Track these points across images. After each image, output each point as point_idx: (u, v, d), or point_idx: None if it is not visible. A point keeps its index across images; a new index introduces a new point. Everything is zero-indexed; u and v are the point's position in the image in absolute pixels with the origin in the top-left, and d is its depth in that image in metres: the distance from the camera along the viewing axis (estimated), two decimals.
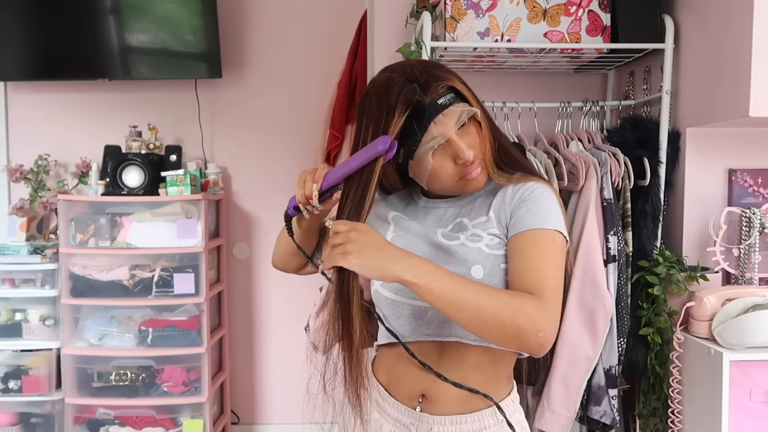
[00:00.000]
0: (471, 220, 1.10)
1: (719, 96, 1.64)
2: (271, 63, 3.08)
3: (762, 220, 1.75)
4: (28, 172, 2.89)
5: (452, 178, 1.06)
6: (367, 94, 1.06)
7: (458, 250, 1.07)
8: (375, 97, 1.03)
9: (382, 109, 1.01)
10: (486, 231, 1.07)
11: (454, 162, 1.04)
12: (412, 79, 1.01)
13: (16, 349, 2.71)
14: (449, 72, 1.05)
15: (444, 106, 1.01)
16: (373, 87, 1.06)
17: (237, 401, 3.19)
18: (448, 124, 1.01)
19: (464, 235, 1.09)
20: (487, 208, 1.10)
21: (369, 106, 1.04)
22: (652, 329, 1.77)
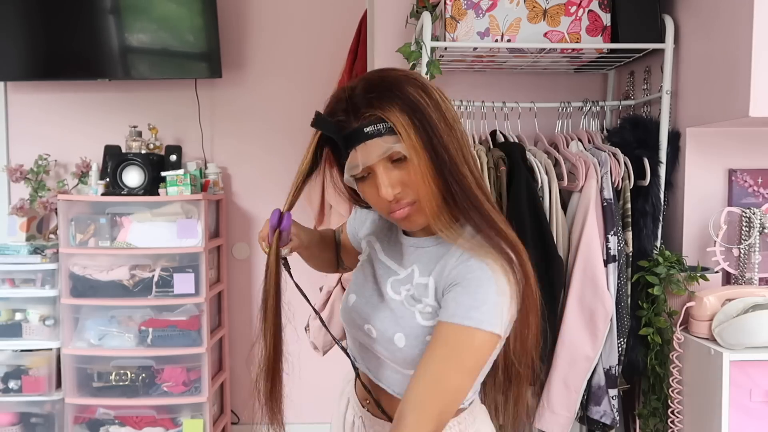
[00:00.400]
0: (419, 275, 1.01)
1: (719, 96, 1.64)
2: (271, 63, 3.08)
3: (762, 220, 1.75)
4: (28, 172, 2.89)
5: (383, 210, 0.98)
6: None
7: (395, 308, 1.01)
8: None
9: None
10: (423, 297, 0.98)
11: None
12: (344, 99, 0.95)
13: (16, 349, 2.71)
14: (394, 100, 0.91)
15: (369, 135, 0.92)
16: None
17: (237, 401, 3.19)
18: (371, 155, 0.92)
19: (405, 290, 1.01)
20: (429, 269, 1.00)
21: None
22: (652, 329, 1.77)
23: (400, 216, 0.97)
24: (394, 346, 0.99)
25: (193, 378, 2.74)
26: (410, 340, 0.98)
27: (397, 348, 0.99)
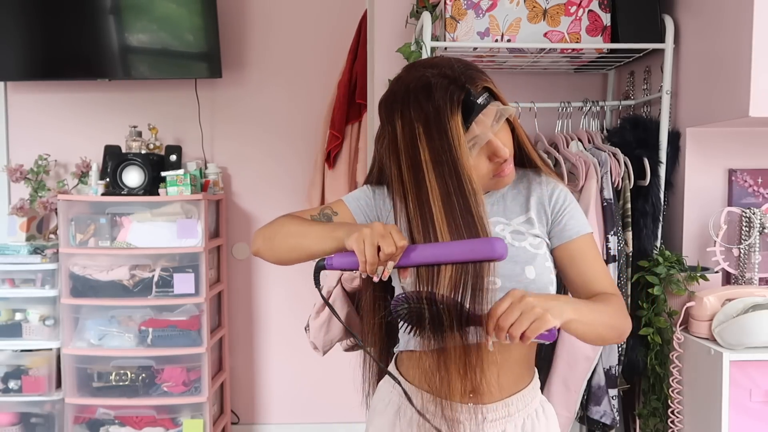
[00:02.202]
0: (508, 219, 1.14)
1: (719, 96, 1.64)
2: (271, 63, 3.08)
3: (762, 220, 1.75)
4: (28, 172, 2.89)
5: (486, 176, 1.09)
6: (404, 93, 1.05)
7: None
8: (415, 95, 1.03)
9: (428, 108, 1.01)
10: (528, 231, 1.12)
11: (488, 160, 1.07)
12: (451, 78, 1.02)
13: (16, 349, 2.71)
14: (481, 71, 1.06)
15: (482, 105, 1.03)
16: (410, 84, 1.05)
17: (237, 401, 3.19)
18: (487, 123, 1.04)
19: (507, 233, 1.11)
20: (522, 208, 1.15)
21: (409, 105, 1.03)
22: (652, 329, 1.77)
23: (507, 172, 1.09)
24: (527, 279, 1.08)
25: (193, 378, 2.74)
26: (538, 269, 1.09)
27: (530, 281, 1.08)
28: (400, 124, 1.04)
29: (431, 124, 1.01)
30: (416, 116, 1.02)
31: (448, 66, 1.05)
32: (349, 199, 1.18)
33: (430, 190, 1.01)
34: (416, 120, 1.02)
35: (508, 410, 1.12)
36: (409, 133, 1.03)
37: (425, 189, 1.01)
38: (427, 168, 1.01)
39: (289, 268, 2.75)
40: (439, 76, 1.03)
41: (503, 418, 1.11)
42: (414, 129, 1.02)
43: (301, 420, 3.20)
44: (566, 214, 1.15)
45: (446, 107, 1.00)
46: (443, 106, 1.00)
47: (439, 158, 1.01)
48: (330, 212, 1.15)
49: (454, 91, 1.01)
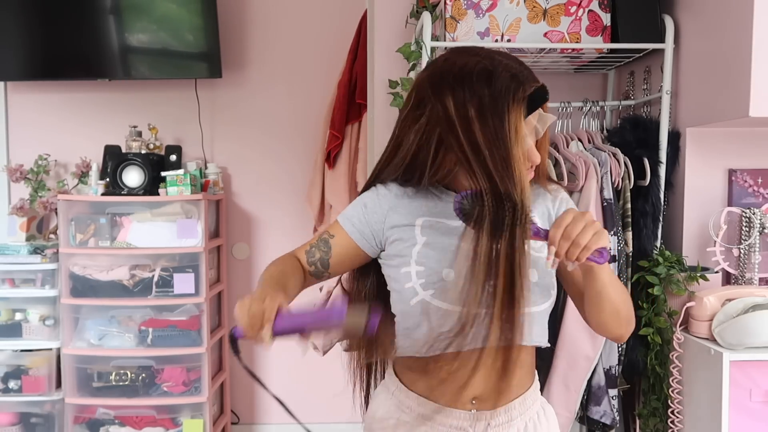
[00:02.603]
0: None
1: (719, 96, 1.64)
2: (271, 63, 3.08)
3: (762, 220, 1.75)
4: (28, 172, 2.89)
5: None
6: (457, 72, 1.03)
7: None
8: (471, 77, 1.01)
9: (485, 93, 0.99)
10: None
11: None
12: (514, 72, 1.02)
13: (16, 349, 2.71)
14: (533, 74, 1.06)
15: (537, 106, 1.04)
16: (465, 66, 1.03)
17: (237, 401, 3.19)
18: (532, 126, 1.04)
19: None
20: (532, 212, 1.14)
21: (463, 86, 1.01)
22: (652, 329, 1.77)
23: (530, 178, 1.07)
24: (530, 282, 1.06)
25: (193, 378, 2.74)
26: (540, 271, 1.09)
27: (532, 284, 1.07)
28: (452, 103, 1.01)
29: (487, 109, 0.99)
30: (469, 98, 1.00)
31: (507, 58, 1.04)
32: (343, 219, 1.17)
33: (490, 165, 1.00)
34: (469, 102, 1.00)
35: (510, 415, 1.11)
36: (463, 113, 1.01)
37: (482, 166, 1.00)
38: (483, 146, 1.00)
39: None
40: (501, 67, 1.02)
41: (505, 423, 1.11)
42: (467, 110, 1.00)
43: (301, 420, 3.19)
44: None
45: (508, 96, 0.99)
46: (505, 94, 0.99)
47: (495, 142, 0.99)
48: (327, 236, 1.16)
49: (519, 85, 1.01)
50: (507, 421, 1.11)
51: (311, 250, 1.16)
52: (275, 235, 3.14)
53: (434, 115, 1.04)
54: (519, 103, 1.01)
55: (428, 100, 1.05)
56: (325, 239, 1.16)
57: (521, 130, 1.01)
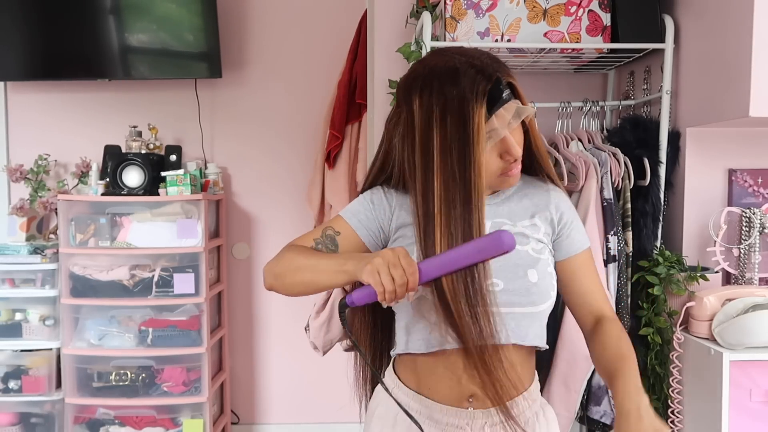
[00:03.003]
0: (513, 222, 1.13)
1: (719, 96, 1.64)
2: (271, 63, 3.08)
3: (762, 220, 1.75)
4: (28, 172, 2.89)
5: (494, 173, 1.07)
6: (428, 75, 1.03)
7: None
8: (439, 79, 1.02)
9: (452, 95, 1.00)
10: (532, 235, 1.12)
11: (500, 157, 1.06)
12: (479, 67, 1.02)
13: (16, 349, 2.71)
14: (506, 67, 1.06)
15: (505, 100, 1.03)
16: (435, 67, 1.04)
17: (237, 401, 3.19)
18: (506, 119, 1.03)
19: None
20: (527, 212, 1.14)
21: (431, 88, 1.02)
22: (652, 329, 1.77)
23: (515, 173, 1.09)
24: (529, 282, 1.08)
25: (193, 378, 2.74)
26: (540, 273, 1.10)
27: (532, 284, 1.08)
28: (417, 105, 1.02)
29: (451, 111, 1.00)
30: (436, 100, 1.01)
31: (477, 56, 1.04)
32: (348, 215, 1.15)
33: (435, 177, 1.00)
34: (435, 104, 1.01)
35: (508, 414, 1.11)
36: (425, 116, 1.01)
37: (431, 175, 1.00)
38: (436, 153, 1.00)
39: None
40: (467, 64, 1.02)
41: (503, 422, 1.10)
42: (432, 112, 1.01)
43: (301, 420, 3.20)
44: (572, 227, 1.17)
45: (472, 96, 0.99)
46: (469, 95, 0.99)
47: (450, 145, 1.00)
48: (332, 233, 1.13)
49: (481, 81, 1.00)
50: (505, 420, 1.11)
51: (318, 248, 1.13)
52: (275, 235, 3.14)
53: (405, 121, 1.05)
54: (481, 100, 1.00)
55: (403, 104, 1.07)
56: (331, 236, 1.13)
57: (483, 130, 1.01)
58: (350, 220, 1.14)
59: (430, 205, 1.01)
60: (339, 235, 1.13)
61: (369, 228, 1.13)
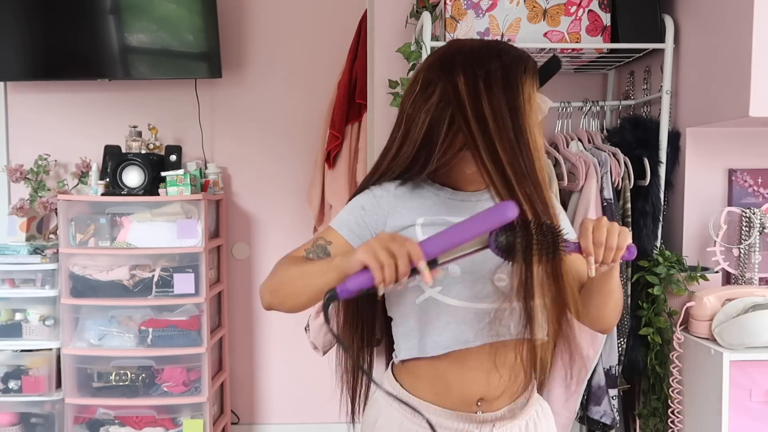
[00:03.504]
0: None
1: (719, 96, 1.64)
2: (271, 63, 3.08)
3: (762, 220, 1.75)
4: (28, 172, 2.89)
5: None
6: (467, 50, 1.03)
7: None
8: (480, 53, 1.02)
9: (496, 65, 1.00)
10: None
11: None
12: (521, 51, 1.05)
13: (16, 349, 2.71)
14: None
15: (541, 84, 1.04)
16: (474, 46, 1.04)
17: (237, 401, 3.19)
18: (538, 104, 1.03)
19: None
20: None
21: (473, 60, 1.01)
22: (652, 329, 1.77)
23: None
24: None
25: (193, 378, 2.74)
26: None
27: None
28: (463, 79, 1.00)
29: (496, 81, 0.99)
30: (480, 73, 1.00)
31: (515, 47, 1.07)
32: (338, 225, 1.10)
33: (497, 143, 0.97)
34: (479, 77, 0.99)
35: (513, 414, 1.12)
36: (472, 88, 0.99)
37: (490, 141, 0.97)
38: (489, 120, 0.98)
39: None
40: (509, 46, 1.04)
41: (508, 423, 1.11)
42: (477, 85, 0.99)
43: (301, 420, 3.20)
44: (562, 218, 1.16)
45: (520, 66, 1.01)
46: (516, 64, 1.01)
47: (501, 113, 0.98)
48: (324, 242, 1.08)
49: (531, 60, 1.03)
50: (510, 420, 1.11)
51: (309, 257, 1.08)
52: (275, 235, 3.14)
53: (445, 94, 1.01)
54: (531, 73, 1.01)
55: (438, 80, 1.03)
56: (322, 246, 1.08)
57: (535, 99, 1.01)
58: (341, 229, 1.10)
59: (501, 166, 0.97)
60: (330, 245, 1.08)
61: (361, 236, 1.09)
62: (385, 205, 1.10)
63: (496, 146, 0.97)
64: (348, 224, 1.10)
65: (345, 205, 1.15)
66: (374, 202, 1.10)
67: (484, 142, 0.97)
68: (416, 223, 1.08)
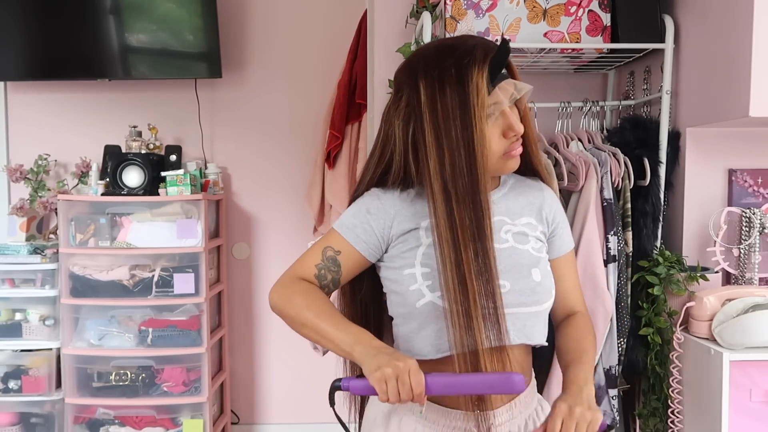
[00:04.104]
0: (512, 220, 1.12)
1: (719, 96, 1.64)
2: (271, 63, 3.08)
3: (762, 220, 1.75)
4: (28, 172, 2.89)
5: (496, 153, 1.06)
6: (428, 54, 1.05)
7: (512, 254, 1.08)
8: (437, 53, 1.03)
9: (449, 63, 1.01)
10: (531, 234, 1.13)
11: (503, 136, 1.06)
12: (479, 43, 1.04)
13: (16, 349, 2.71)
14: None
15: (505, 75, 1.04)
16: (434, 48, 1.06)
17: (237, 401, 3.19)
18: (508, 92, 1.03)
19: (510, 236, 1.10)
20: (524, 210, 1.15)
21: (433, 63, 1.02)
22: (652, 329, 1.77)
23: (517, 152, 1.08)
24: (533, 282, 1.08)
25: (193, 378, 2.74)
26: (542, 271, 1.11)
27: (536, 283, 1.09)
28: (423, 83, 1.02)
29: (450, 77, 1.00)
30: (439, 72, 1.01)
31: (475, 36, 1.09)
32: (344, 230, 1.11)
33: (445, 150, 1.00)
34: (438, 76, 1.01)
35: (512, 413, 1.12)
36: (430, 91, 1.01)
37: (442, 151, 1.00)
38: (441, 124, 1.00)
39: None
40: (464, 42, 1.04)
41: (507, 422, 1.11)
42: (434, 86, 1.01)
43: (301, 420, 3.20)
44: (563, 227, 1.19)
45: (470, 61, 1.00)
46: (467, 60, 1.00)
47: (452, 112, 0.99)
48: (333, 253, 1.10)
49: (480, 49, 1.02)
50: (509, 420, 1.11)
51: (322, 273, 1.10)
52: (275, 235, 3.14)
53: (410, 103, 1.04)
54: (480, 62, 1.01)
55: (404, 89, 1.06)
56: (332, 257, 1.10)
57: (483, 88, 1.01)
58: (347, 235, 1.10)
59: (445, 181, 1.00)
60: (340, 254, 1.10)
61: (368, 241, 1.10)
62: (391, 209, 1.10)
63: (443, 151, 1.00)
64: (354, 230, 1.10)
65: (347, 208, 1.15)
66: (379, 205, 1.10)
67: (435, 148, 1.01)
68: (420, 227, 1.09)
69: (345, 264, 1.10)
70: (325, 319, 1.03)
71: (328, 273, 1.10)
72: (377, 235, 1.10)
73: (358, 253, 1.10)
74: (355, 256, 1.10)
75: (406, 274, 1.07)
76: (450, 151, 1.00)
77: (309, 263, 1.11)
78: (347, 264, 1.10)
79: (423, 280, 1.05)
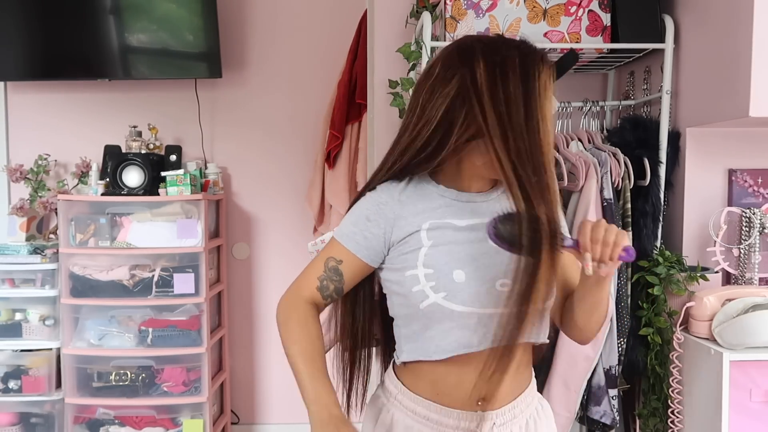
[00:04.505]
0: None
1: (719, 96, 1.64)
2: (271, 63, 3.08)
3: (762, 220, 1.75)
4: (28, 172, 2.89)
5: None
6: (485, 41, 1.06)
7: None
8: (498, 44, 1.04)
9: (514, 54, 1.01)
10: None
11: None
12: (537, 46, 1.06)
13: (16, 349, 2.71)
14: None
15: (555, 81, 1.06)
16: (492, 37, 1.07)
17: (237, 401, 3.19)
18: (555, 105, 1.06)
19: None
20: None
21: (492, 49, 1.03)
22: (652, 329, 1.77)
23: None
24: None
25: (193, 378, 2.74)
26: None
27: None
28: (482, 67, 1.01)
29: (513, 66, 1.00)
30: (499, 61, 1.01)
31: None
32: (345, 239, 1.11)
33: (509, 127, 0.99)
34: (498, 65, 1.01)
35: (514, 413, 1.12)
36: (490, 74, 1.00)
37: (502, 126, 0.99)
38: (503, 106, 0.99)
39: (289, 268, 2.74)
40: (525, 41, 1.06)
41: (509, 421, 1.11)
42: (495, 73, 1.00)
43: (301, 420, 3.18)
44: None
45: (537, 58, 1.02)
46: (533, 56, 1.02)
47: (515, 99, 1.00)
48: (335, 263, 1.11)
49: (542, 52, 1.04)
50: (511, 419, 1.11)
51: (324, 285, 1.12)
52: (275, 235, 3.14)
53: (463, 80, 1.02)
54: (548, 65, 1.03)
55: (457, 66, 1.04)
56: (335, 267, 1.11)
57: (550, 89, 1.03)
58: (348, 244, 1.11)
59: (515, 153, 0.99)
60: (342, 264, 1.11)
61: (369, 248, 1.10)
62: (390, 213, 1.09)
63: (507, 132, 0.98)
64: (354, 238, 1.11)
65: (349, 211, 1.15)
66: (377, 211, 1.10)
67: (498, 127, 0.99)
68: (422, 229, 1.08)
69: (347, 272, 1.12)
70: (304, 360, 1.10)
71: (330, 283, 1.12)
72: (378, 241, 1.10)
73: (360, 261, 1.11)
74: (357, 263, 1.11)
75: (408, 275, 1.07)
76: (513, 136, 0.99)
77: (312, 276, 1.13)
78: (349, 272, 1.12)
79: (426, 281, 1.05)
